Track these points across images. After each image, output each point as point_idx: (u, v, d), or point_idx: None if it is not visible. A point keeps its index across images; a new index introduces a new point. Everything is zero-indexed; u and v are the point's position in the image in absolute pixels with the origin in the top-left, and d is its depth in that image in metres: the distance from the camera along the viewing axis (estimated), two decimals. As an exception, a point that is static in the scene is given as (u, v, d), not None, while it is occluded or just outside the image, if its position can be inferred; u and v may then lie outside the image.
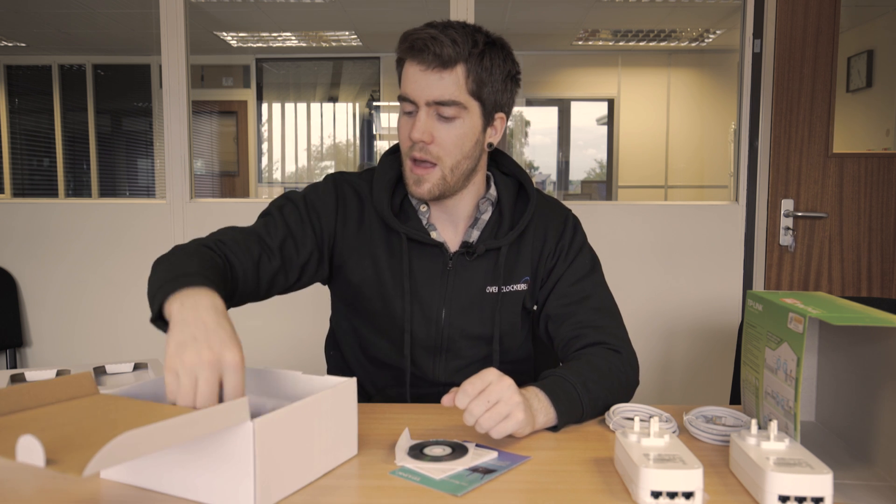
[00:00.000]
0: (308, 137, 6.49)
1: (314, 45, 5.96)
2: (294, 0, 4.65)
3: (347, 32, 5.52)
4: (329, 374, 1.30)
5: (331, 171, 1.25)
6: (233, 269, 1.01)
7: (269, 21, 5.22)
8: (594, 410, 1.00)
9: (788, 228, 2.28)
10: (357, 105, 6.41)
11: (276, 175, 6.56)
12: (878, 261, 2.29)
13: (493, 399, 0.86)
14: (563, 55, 6.10)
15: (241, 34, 5.60)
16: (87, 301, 2.39)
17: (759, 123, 2.29)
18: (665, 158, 6.07)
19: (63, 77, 6.14)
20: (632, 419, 0.88)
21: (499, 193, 1.22)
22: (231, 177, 6.56)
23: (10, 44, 5.79)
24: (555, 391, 0.96)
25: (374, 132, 6.44)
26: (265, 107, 6.46)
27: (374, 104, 6.35)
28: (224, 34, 5.58)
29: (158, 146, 6.32)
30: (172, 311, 0.79)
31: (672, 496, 0.71)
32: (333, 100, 6.42)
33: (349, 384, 0.85)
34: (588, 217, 1.39)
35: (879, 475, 0.81)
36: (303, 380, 0.88)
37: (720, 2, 4.72)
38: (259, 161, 6.51)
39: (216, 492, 0.71)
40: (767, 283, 2.33)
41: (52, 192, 6.25)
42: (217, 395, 0.73)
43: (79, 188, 6.36)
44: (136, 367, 1.33)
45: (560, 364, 1.15)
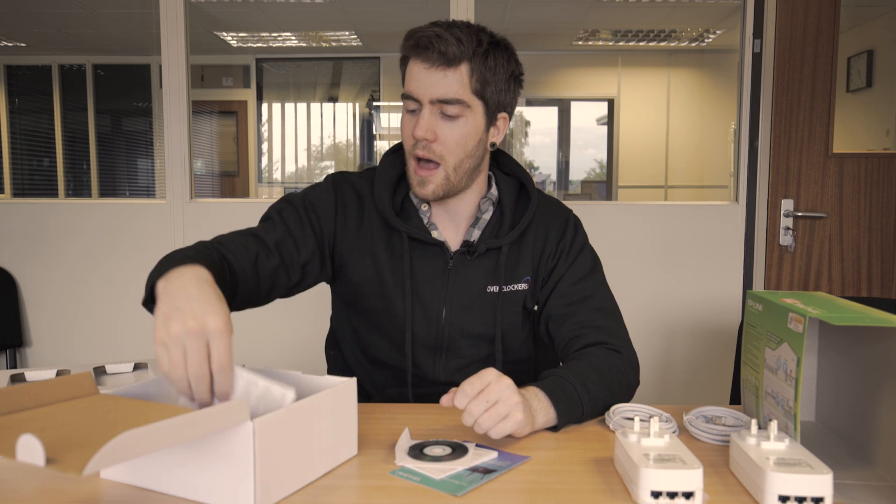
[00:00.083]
0: (308, 137, 6.48)
1: (314, 45, 5.95)
2: (294, 0, 4.65)
3: (347, 32, 5.52)
4: (329, 374, 1.30)
5: (331, 171, 1.25)
6: (231, 267, 1.01)
7: (269, 21, 5.22)
8: (594, 410, 1.00)
9: (788, 228, 2.28)
10: (357, 105, 6.41)
11: (276, 175, 6.56)
12: (878, 261, 2.29)
13: (493, 399, 0.86)
14: (563, 55, 6.10)
15: (241, 34, 5.60)
16: (87, 301, 2.40)
17: (759, 123, 2.29)
18: (665, 158, 6.07)
19: (63, 77, 6.14)
20: (632, 419, 0.88)
21: (500, 193, 1.22)
22: (231, 177, 6.56)
23: (10, 44, 5.79)
24: (555, 391, 0.96)
25: (374, 132, 6.44)
26: (265, 107, 6.46)
27: (374, 104, 6.35)
28: (224, 34, 5.58)
29: (158, 146, 6.32)
30: (159, 289, 0.80)
31: (672, 496, 0.71)
32: (333, 100, 6.42)
33: (349, 384, 0.85)
34: (588, 217, 1.39)
35: (879, 475, 0.81)
36: (303, 380, 0.88)
37: (720, 2, 4.72)
38: (259, 161, 6.50)
39: (216, 492, 0.71)
40: (767, 283, 2.33)
41: (52, 192, 6.25)
42: (207, 364, 0.73)
43: (79, 188, 6.36)
44: (136, 367, 1.33)
45: (560, 364, 1.15)
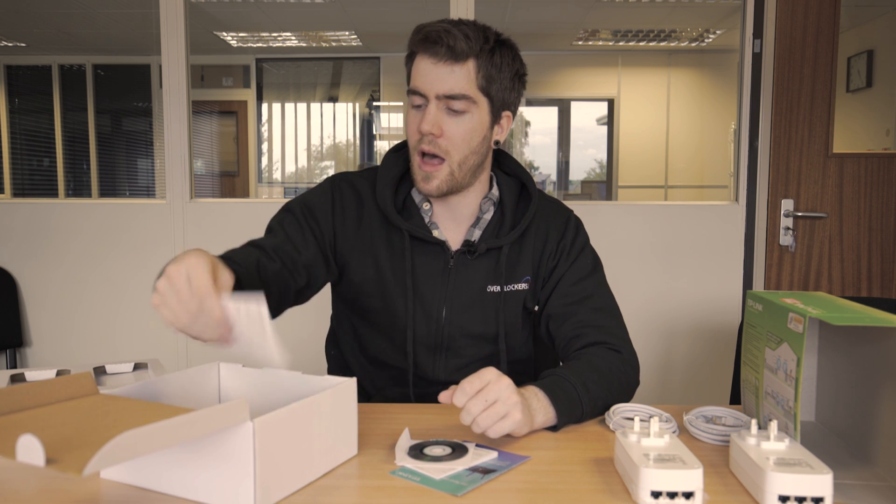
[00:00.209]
0: (308, 137, 6.48)
1: (314, 45, 5.95)
2: (294, 0, 4.64)
3: (347, 32, 5.52)
4: (330, 374, 1.30)
5: (331, 171, 1.25)
6: (235, 275, 1.01)
7: (269, 21, 5.22)
8: (594, 410, 1.00)
9: (788, 228, 2.28)
10: (357, 105, 6.41)
11: (276, 175, 6.56)
12: (878, 261, 2.29)
13: (491, 398, 0.86)
14: (563, 55, 6.10)
15: (241, 34, 5.60)
16: (87, 301, 2.40)
17: (759, 123, 2.29)
18: (665, 158, 6.07)
19: (63, 77, 6.14)
20: (632, 419, 0.88)
21: (501, 193, 1.22)
22: (231, 177, 6.56)
23: (10, 44, 5.79)
24: (554, 391, 0.96)
25: (374, 132, 6.44)
26: (265, 107, 6.46)
27: (374, 104, 6.35)
28: (224, 34, 5.58)
29: (158, 146, 6.32)
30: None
31: (672, 496, 0.71)
32: (333, 100, 6.41)
33: (349, 384, 0.85)
34: (588, 217, 1.39)
35: (879, 475, 0.81)
36: (303, 380, 0.88)
37: (720, 2, 4.72)
38: (259, 161, 6.50)
39: (216, 492, 0.71)
40: (767, 283, 2.33)
41: (52, 192, 6.25)
42: (189, 294, 0.76)
43: (79, 188, 6.36)
44: (136, 367, 1.33)
45: (560, 364, 1.15)
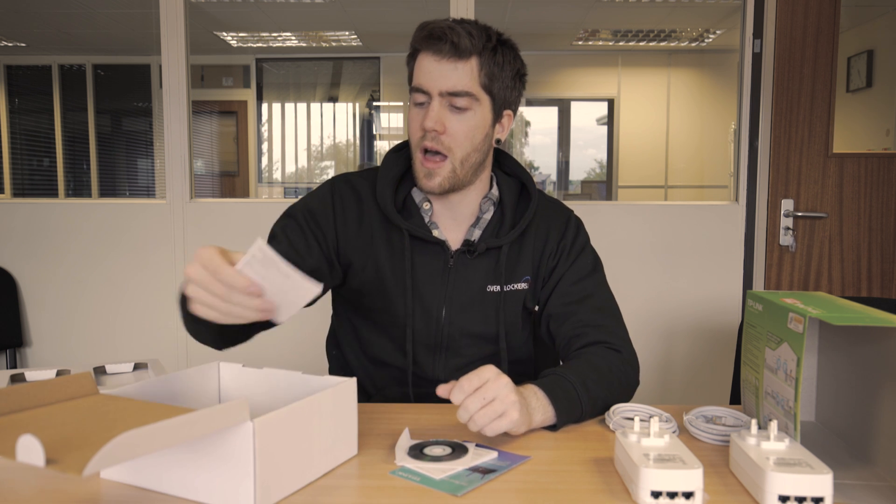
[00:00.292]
0: (308, 137, 6.48)
1: (314, 45, 5.95)
2: (294, 0, 4.64)
3: (347, 32, 5.52)
4: (331, 374, 1.30)
5: (331, 171, 1.26)
6: None
7: (269, 21, 5.22)
8: (593, 410, 1.00)
9: (788, 228, 2.28)
10: (357, 105, 6.41)
11: (276, 175, 6.56)
12: (878, 261, 2.29)
13: (490, 396, 0.86)
14: (563, 55, 6.09)
15: (241, 34, 5.59)
16: (87, 301, 2.39)
17: (759, 123, 2.29)
18: (665, 158, 6.07)
19: (63, 77, 6.14)
20: (632, 419, 0.88)
21: (501, 193, 1.22)
22: (231, 177, 6.56)
23: (10, 44, 5.79)
24: (554, 390, 0.96)
25: (374, 132, 6.43)
26: (265, 107, 6.46)
27: (374, 104, 6.35)
28: (224, 34, 5.57)
29: (158, 146, 6.32)
30: None
31: (672, 496, 0.71)
32: (333, 100, 6.41)
33: (349, 384, 0.85)
34: (588, 217, 1.39)
35: (879, 475, 0.81)
36: (303, 380, 0.88)
37: (720, 2, 4.72)
38: (259, 161, 6.50)
39: (216, 492, 0.71)
40: (767, 283, 2.33)
41: (52, 192, 6.25)
42: (205, 273, 0.78)
43: (79, 188, 6.36)
44: (136, 367, 1.33)
45: (561, 363, 1.15)
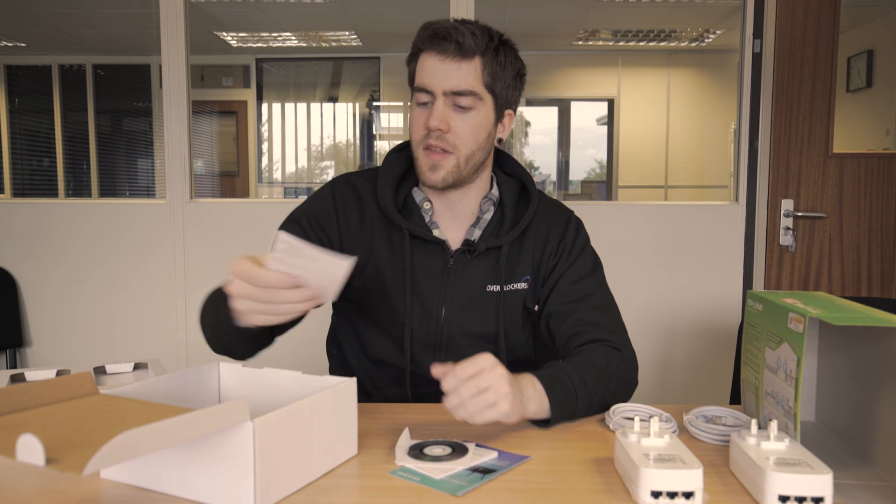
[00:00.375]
0: (308, 137, 6.48)
1: (314, 45, 5.95)
2: (294, 0, 4.64)
3: (347, 32, 5.52)
4: (331, 373, 1.30)
5: (331, 171, 1.26)
6: None
7: (269, 21, 5.22)
8: (590, 406, 1.00)
9: (788, 228, 2.28)
10: (357, 105, 6.41)
11: (277, 175, 6.56)
12: (878, 261, 2.29)
13: (483, 386, 0.85)
14: (563, 55, 6.09)
15: (241, 34, 5.59)
16: (87, 301, 2.39)
17: (759, 123, 2.29)
18: (665, 158, 6.07)
19: (63, 77, 6.14)
20: (632, 419, 0.88)
21: (501, 193, 1.23)
22: (231, 177, 6.56)
23: (10, 44, 5.79)
24: (552, 382, 0.96)
25: (374, 132, 6.44)
26: (265, 107, 6.46)
27: (374, 104, 6.35)
28: (224, 34, 5.57)
29: (158, 146, 6.32)
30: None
31: (672, 496, 0.71)
32: (333, 100, 6.41)
33: (349, 384, 0.85)
34: (588, 217, 1.39)
35: (879, 475, 0.81)
36: (303, 380, 0.88)
37: (720, 2, 4.72)
38: (259, 161, 6.50)
39: (216, 492, 0.71)
40: (767, 283, 2.33)
41: (52, 192, 6.25)
42: (250, 283, 0.80)
43: (79, 188, 6.36)
44: (136, 367, 1.33)
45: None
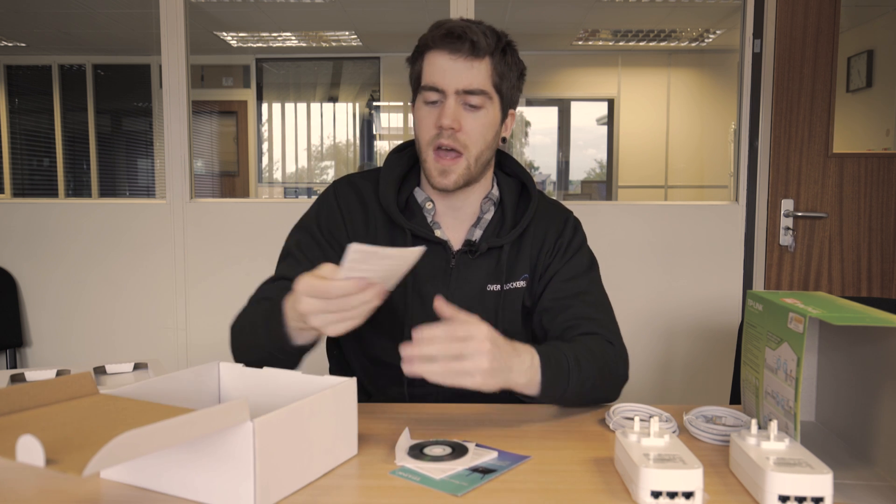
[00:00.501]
0: (308, 137, 6.48)
1: (314, 45, 5.95)
2: (294, 0, 4.64)
3: (347, 32, 5.52)
4: (331, 373, 1.30)
5: (331, 171, 1.26)
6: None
7: (269, 21, 5.22)
8: (581, 389, 1.00)
9: (788, 228, 2.28)
10: (357, 105, 6.41)
11: (277, 175, 6.56)
12: (878, 261, 2.29)
13: (468, 353, 0.83)
14: (563, 55, 6.10)
15: (241, 34, 5.60)
16: (87, 301, 2.39)
17: (759, 123, 2.29)
18: (665, 158, 6.07)
19: (63, 77, 6.14)
20: (632, 419, 0.88)
21: (501, 193, 1.23)
22: (231, 177, 6.56)
23: (10, 44, 5.79)
24: (548, 357, 0.96)
25: (374, 132, 6.44)
26: (265, 107, 6.46)
27: (374, 104, 6.35)
28: (224, 34, 5.57)
29: (158, 146, 6.32)
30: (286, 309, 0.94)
31: (672, 496, 0.71)
32: (333, 100, 6.41)
33: (349, 384, 0.85)
34: (588, 217, 1.39)
35: (879, 475, 0.81)
36: (303, 380, 0.88)
37: (720, 2, 4.72)
38: (259, 161, 6.50)
39: (216, 492, 0.71)
40: (767, 283, 2.33)
41: (52, 192, 6.25)
42: (322, 297, 0.83)
43: (79, 188, 6.36)
44: (136, 367, 1.33)
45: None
